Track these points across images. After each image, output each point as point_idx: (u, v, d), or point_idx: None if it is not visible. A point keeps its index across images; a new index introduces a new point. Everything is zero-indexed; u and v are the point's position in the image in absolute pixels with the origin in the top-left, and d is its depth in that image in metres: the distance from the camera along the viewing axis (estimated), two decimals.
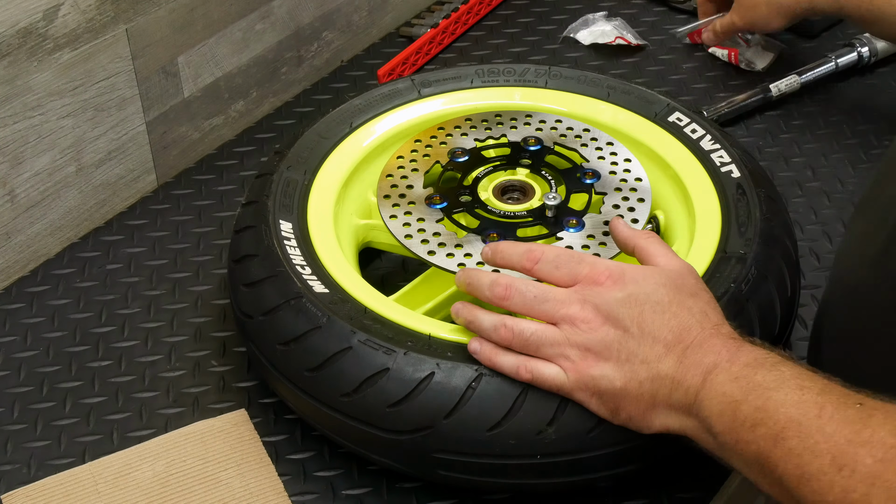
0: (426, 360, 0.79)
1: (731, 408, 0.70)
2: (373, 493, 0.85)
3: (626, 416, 0.76)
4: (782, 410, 0.67)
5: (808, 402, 0.67)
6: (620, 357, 0.75)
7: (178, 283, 1.02)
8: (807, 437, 0.66)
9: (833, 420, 0.65)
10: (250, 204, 0.94)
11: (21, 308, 1.00)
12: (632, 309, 0.76)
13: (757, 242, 0.88)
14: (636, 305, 0.76)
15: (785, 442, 0.67)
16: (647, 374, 0.74)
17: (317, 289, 0.85)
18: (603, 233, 0.90)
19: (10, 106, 0.94)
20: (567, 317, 0.76)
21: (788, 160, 1.15)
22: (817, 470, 0.64)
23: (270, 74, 1.20)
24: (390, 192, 0.94)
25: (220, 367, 0.94)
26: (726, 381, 0.71)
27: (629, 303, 0.76)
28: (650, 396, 0.75)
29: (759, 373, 0.70)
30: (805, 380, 0.69)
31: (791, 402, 0.67)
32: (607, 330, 0.76)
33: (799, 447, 0.66)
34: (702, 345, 0.74)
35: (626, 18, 1.35)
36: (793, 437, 0.66)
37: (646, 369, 0.74)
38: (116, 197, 1.09)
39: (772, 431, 0.67)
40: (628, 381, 0.75)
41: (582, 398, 0.77)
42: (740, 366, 0.72)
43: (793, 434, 0.66)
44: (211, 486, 0.84)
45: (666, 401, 0.74)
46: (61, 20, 0.95)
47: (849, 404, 0.66)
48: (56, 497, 0.84)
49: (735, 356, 0.73)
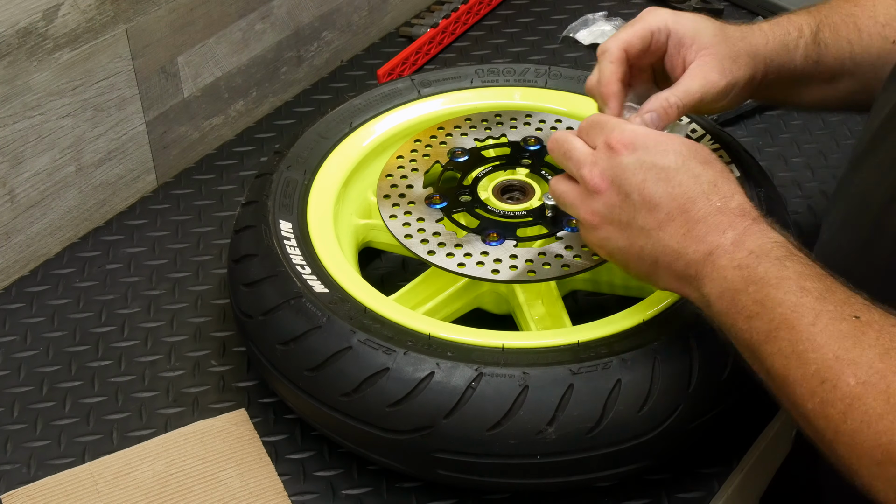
0: (426, 360, 0.79)
1: (729, 294, 0.71)
2: (372, 492, 0.85)
3: (635, 273, 0.79)
4: (779, 310, 0.68)
5: (805, 307, 0.67)
6: (621, 223, 0.78)
7: (177, 282, 1.02)
8: (797, 342, 0.66)
9: (825, 331, 0.66)
10: (250, 204, 0.94)
11: (21, 308, 1.00)
12: (636, 175, 0.77)
13: None
14: (640, 172, 0.77)
15: (776, 342, 0.67)
16: (647, 241, 0.76)
17: (316, 288, 0.85)
18: None
19: (10, 106, 0.94)
20: (580, 177, 0.80)
21: (788, 160, 1.15)
22: (801, 376, 0.65)
23: (270, 74, 1.20)
24: (390, 192, 0.94)
25: (219, 367, 0.94)
26: (728, 267, 0.72)
27: (634, 169, 0.77)
28: (652, 261, 0.77)
29: (762, 264, 0.71)
30: (807, 280, 0.69)
31: (789, 303, 0.68)
32: (610, 195, 0.78)
33: (788, 349, 0.67)
34: (706, 219, 0.75)
35: (625, 18, 1.35)
36: (784, 338, 0.67)
37: (644, 236, 0.77)
38: (116, 197, 1.09)
39: (766, 327, 0.68)
40: (630, 246, 0.78)
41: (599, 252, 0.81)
42: (745, 252, 0.72)
43: (784, 336, 0.67)
44: (211, 486, 0.84)
45: (667, 268, 0.76)
46: (61, 20, 0.95)
47: (845, 316, 0.66)
48: (56, 497, 0.84)
49: (740, 239, 0.73)
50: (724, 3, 1.36)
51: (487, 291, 0.93)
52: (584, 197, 0.80)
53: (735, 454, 0.87)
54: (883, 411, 0.61)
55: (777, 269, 0.70)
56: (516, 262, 0.86)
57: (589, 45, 1.31)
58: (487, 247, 0.88)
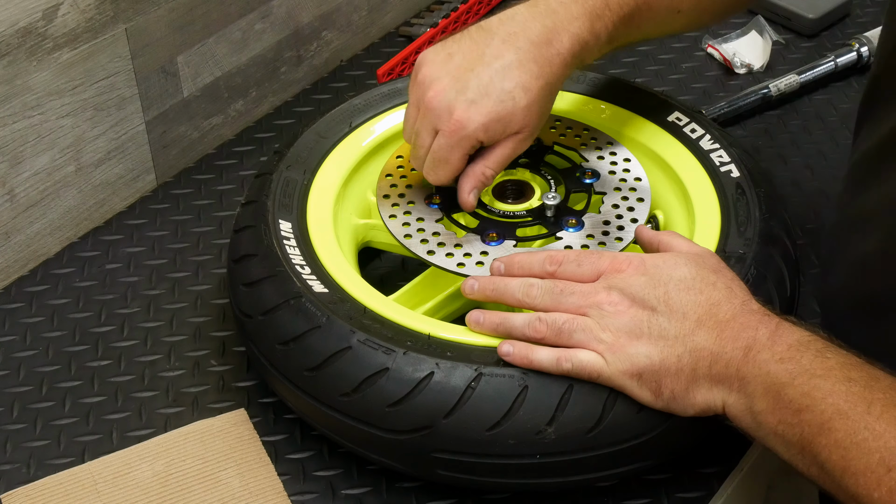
0: (426, 360, 0.79)
1: (775, 389, 0.70)
2: (372, 492, 0.85)
3: (669, 393, 0.76)
4: (829, 400, 0.68)
5: (856, 396, 0.67)
6: (653, 335, 0.76)
7: (177, 282, 1.02)
8: (854, 432, 0.66)
9: (882, 419, 0.66)
10: (250, 203, 0.94)
11: (20, 308, 1.00)
12: (656, 289, 0.77)
13: (756, 242, 0.88)
14: (660, 286, 0.77)
15: (831, 433, 0.67)
16: (684, 347, 0.75)
17: (316, 288, 0.85)
18: (602, 232, 0.90)
19: (10, 105, 0.94)
20: (595, 303, 0.78)
21: (788, 160, 1.15)
22: (864, 466, 0.65)
23: (270, 74, 1.20)
24: (390, 192, 0.94)
25: (219, 367, 0.94)
26: (771, 361, 0.71)
27: (653, 284, 0.77)
28: (691, 370, 0.75)
29: (805, 357, 0.71)
30: (851, 370, 0.69)
31: (839, 392, 0.68)
32: (635, 311, 0.77)
33: (846, 441, 0.66)
34: (735, 319, 0.75)
35: None
36: (839, 429, 0.67)
37: (681, 343, 0.75)
38: (116, 196, 1.09)
39: (818, 419, 0.68)
40: (666, 357, 0.75)
41: (623, 383, 0.76)
42: (784, 346, 0.72)
43: (840, 426, 0.67)
44: (210, 486, 0.84)
45: (707, 373, 0.74)
46: (61, 20, 0.95)
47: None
48: (55, 497, 0.84)
49: (776, 335, 0.73)
50: None
51: None
52: (600, 319, 0.77)
53: (735, 454, 0.87)
54: None
55: (820, 360, 0.70)
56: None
57: None
58: (487, 247, 0.88)
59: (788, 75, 1.22)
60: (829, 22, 1.32)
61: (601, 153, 0.98)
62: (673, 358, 0.75)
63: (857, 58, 1.25)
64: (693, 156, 0.97)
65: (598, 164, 0.96)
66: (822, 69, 1.24)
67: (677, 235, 0.85)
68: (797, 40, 1.31)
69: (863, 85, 1.24)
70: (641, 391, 0.76)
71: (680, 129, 1.00)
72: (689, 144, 0.99)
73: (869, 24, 1.32)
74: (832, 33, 1.32)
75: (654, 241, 0.85)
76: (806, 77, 1.23)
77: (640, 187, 0.94)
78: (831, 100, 1.23)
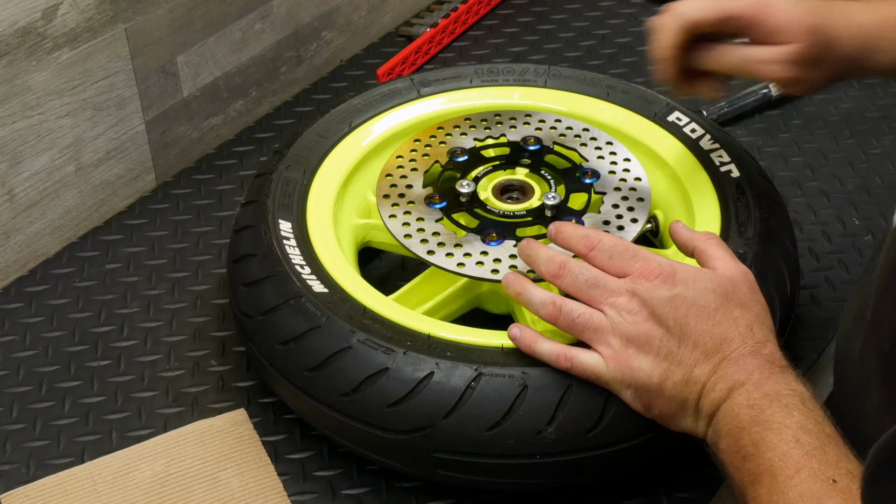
0: (425, 360, 0.79)
1: (735, 432, 0.72)
2: (372, 492, 0.85)
3: (657, 412, 0.77)
4: (768, 455, 0.69)
5: (792, 458, 0.68)
6: (660, 354, 0.76)
7: (177, 282, 1.02)
8: (773, 492, 0.67)
9: (799, 488, 0.66)
10: (249, 203, 0.94)
11: (20, 307, 1.00)
12: (677, 310, 0.76)
13: (756, 242, 0.88)
14: (682, 307, 0.76)
15: (759, 486, 0.68)
16: (682, 376, 0.75)
17: (316, 288, 0.85)
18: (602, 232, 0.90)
19: (9, 105, 0.94)
20: (614, 305, 0.77)
21: (788, 160, 1.15)
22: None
23: (270, 74, 1.20)
24: (389, 192, 0.94)
25: (219, 367, 0.94)
26: (742, 405, 0.72)
27: (675, 303, 0.76)
28: (681, 399, 0.76)
29: (771, 407, 0.71)
30: (805, 433, 0.69)
31: (780, 451, 0.69)
32: (651, 326, 0.76)
33: (765, 499, 0.68)
34: (738, 360, 0.75)
35: (626, 18, 1.35)
36: (766, 485, 0.68)
37: (682, 371, 0.75)
38: (115, 196, 1.09)
39: (755, 470, 0.69)
40: (664, 380, 0.75)
41: (618, 389, 0.77)
42: (761, 394, 0.72)
43: (766, 483, 0.68)
44: (210, 486, 0.84)
45: (694, 405, 0.75)
46: (60, 20, 0.95)
47: (823, 477, 0.66)
48: (55, 497, 0.84)
49: (762, 382, 0.73)
50: None
51: (487, 291, 0.93)
52: (615, 323, 0.77)
53: None
54: None
55: (782, 415, 0.70)
56: (516, 262, 0.86)
57: (587, 45, 1.31)
58: (487, 247, 0.88)
59: None
60: None
61: (601, 153, 0.98)
62: (670, 383, 0.75)
63: None
64: (693, 156, 0.97)
65: (598, 163, 0.96)
66: None
67: (716, 243, 0.82)
68: None
69: (863, 85, 1.24)
70: (633, 401, 0.77)
71: (680, 129, 1.00)
72: (688, 144, 0.99)
73: None
74: None
75: (689, 244, 0.83)
76: None
77: (639, 187, 0.94)
78: (831, 100, 1.23)
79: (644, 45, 1.30)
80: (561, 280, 0.79)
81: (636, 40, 1.32)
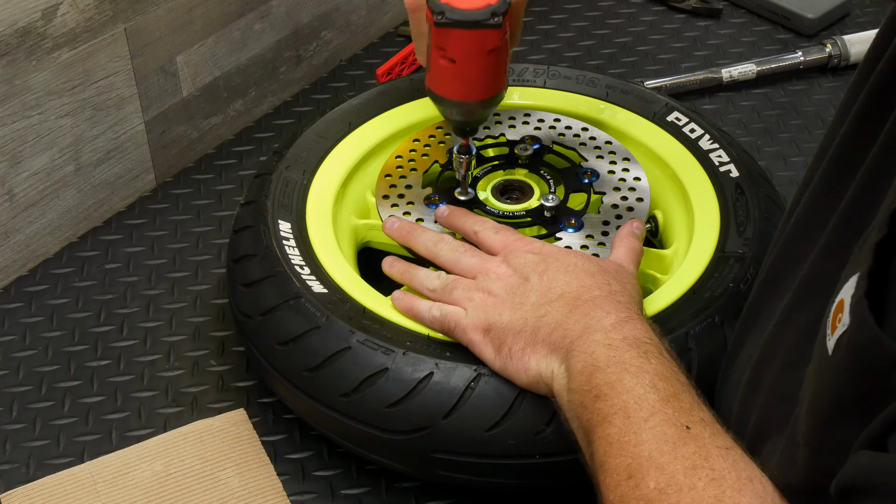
0: (425, 360, 0.79)
1: (589, 370, 0.72)
2: (371, 492, 0.85)
3: (507, 352, 0.78)
4: (623, 397, 0.69)
5: (647, 403, 0.68)
6: (515, 301, 0.79)
7: (176, 282, 1.02)
8: (626, 432, 0.67)
9: (653, 430, 0.66)
10: (249, 204, 0.94)
11: (20, 307, 1.00)
12: (539, 265, 0.81)
13: (756, 242, 0.88)
14: (543, 263, 0.81)
15: (609, 426, 0.68)
16: (534, 314, 0.77)
17: (315, 289, 0.85)
18: (602, 233, 0.90)
19: (9, 105, 0.94)
20: (484, 269, 0.83)
21: (787, 160, 1.15)
22: (613, 468, 0.66)
23: (269, 74, 1.20)
24: (389, 192, 0.94)
25: (218, 367, 0.94)
26: (598, 343, 0.73)
27: (538, 261, 0.81)
28: (532, 332, 0.77)
29: (629, 351, 0.72)
30: (661, 380, 0.70)
31: (635, 393, 0.69)
32: (513, 280, 0.81)
33: (614, 438, 0.67)
34: (595, 300, 0.77)
35: (625, 18, 1.35)
36: (616, 425, 0.67)
37: (534, 311, 0.78)
38: (115, 196, 1.09)
39: (606, 411, 0.69)
40: (515, 319, 0.78)
41: (472, 337, 0.79)
42: (620, 336, 0.73)
43: (618, 423, 0.67)
44: (209, 486, 0.84)
45: (545, 339, 0.76)
46: (60, 19, 0.95)
47: (677, 422, 0.67)
48: (55, 496, 0.84)
49: (620, 324, 0.74)
50: (723, 2, 1.36)
51: None
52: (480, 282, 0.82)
53: None
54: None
55: (640, 360, 0.71)
56: None
57: (587, 44, 1.31)
58: None
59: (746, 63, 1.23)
60: (829, 22, 1.32)
61: (600, 153, 0.98)
62: (521, 320, 0.78)
63: (828, 58, 1.25)
64: (692, 156, 0.97)
65: (598, 163, 0.97)
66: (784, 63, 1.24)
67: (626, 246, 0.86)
68: (797, 40, 1.31)
69: None
70: (485, 347, 0.79)
71: (679, 129, 1.00)
72: (688, 144, 0.99)
73: (868, 25, 1.32)
74: (831, 33, 1.32)
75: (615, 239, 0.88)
76: (763, 68, 1.23)
77: (639, 187, 0.94)
78: (831, 99, 1.23)
79: (644, 45, 1.30)
80: (440, 254, 0.86)
81: (636, 40, 1.32)
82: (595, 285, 0.78)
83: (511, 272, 0.81)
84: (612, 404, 0.69)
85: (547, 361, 0.76)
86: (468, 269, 0.84)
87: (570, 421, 0.73)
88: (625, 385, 0.69)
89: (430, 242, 0.87)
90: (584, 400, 0.71)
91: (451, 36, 0.81)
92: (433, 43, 0.83)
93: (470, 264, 0.84)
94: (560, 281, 0.79)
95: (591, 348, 0.73)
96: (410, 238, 0.89)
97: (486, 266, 0.83)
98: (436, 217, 0.91)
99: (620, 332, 0.73)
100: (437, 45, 0.83)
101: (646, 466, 0.65)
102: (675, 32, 1.33)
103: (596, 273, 0.79)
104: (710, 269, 0.87)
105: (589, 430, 0.70)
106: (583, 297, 0.77)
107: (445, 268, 0.86)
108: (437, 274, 0.85)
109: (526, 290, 0.79)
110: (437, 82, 0.85)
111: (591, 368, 0.71)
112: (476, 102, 0.86)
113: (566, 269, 0.80)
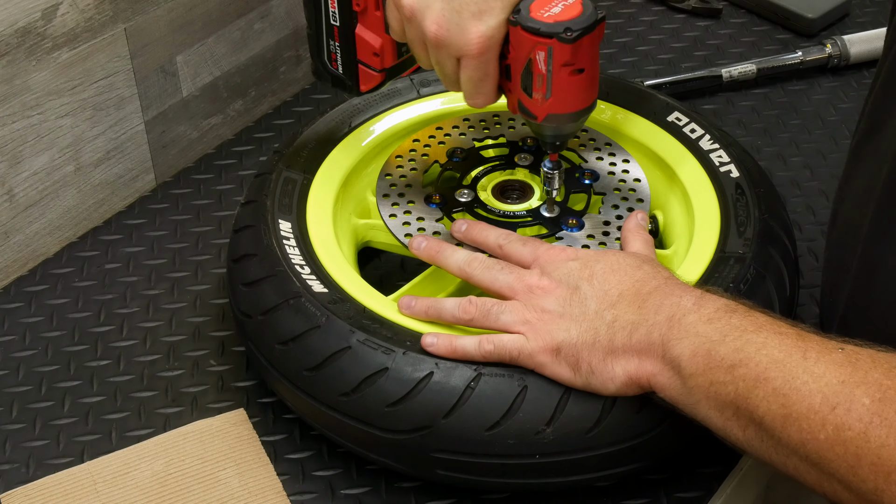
0: (425, 360, 0.79)
1: (705, 348, 0.70)
2: (371, 492, 0.85)
3: (587, 367, 0.75)
4: (764, 352, 0.67)
5: (790, 346, 0.67)
6: (574, 313, 0.77)
7: (176, 282, 1.02)
8: (793, 377, 0.65)
9: (820, 362, 0.65)
10: (249, 203, 0.94)
11: (20, 307, 1.00)
12: (583, 271, 0.78)
13: (756, 242, 0.88)
14: (587, 268, 0.78)
15: (768, 383, 0.66)
16: (602, 321, 0.76)
17: (316, 288, 0.85)
18: (603, 233, 0.90)
19: (9, 105, 0.94)
20: (525, 285, 0.80)
21: (787, 160, 1.15)
22: (807, 409, 0.64)
23: (269, 74, 1.20)
24: (389, 192, 0.94)
25: (218, 367, 0.94)
26: (699, 323, 0.71)
27: (581, 267, 0.79)
28: (608, 341, 0.75)
29: (734, 317, 0.70)
30: (782, 326, 0.69)
31: (772, 344, 0.67)
32: (560, 292, 0.78)
33: (785, 387, 0.65)
34: (658, 290, 0.75)
35: (625, 18, 1.35)
36: (777, 377, 0.66)
37: (600, 318, 0.76)
38: (115, 196, 1.09)
39: (753, 372, 0.67)
40: (584, 331, 0.76)
41: (543, 360, 0.77)
42: (712, 309, 0.72)
43: (777, 375, 0.66)
44: (209, 486, 0.84)
45: (625, 344, 0.74)
46: (60, 19, 0.95)
47: (831, 349, 0.66)
48: (55, 496, 0.84)
49: (702, 301, 0.73)
50: (723, 2, 1.36)
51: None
52: (527, 301, 0.79)
53: (734, 454, 0.87)
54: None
55: (750, 318, 0.70)
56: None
57: None
58: None
59: (746, 63, 1.23)
60: (829, 22, 1.32)
61: (600, 154, 0.98)
62: (591, 332, 0.75)
63: (828, 58, 1.25)
64: (692, 156, 0.97)
65: (598, 164, 0.96)
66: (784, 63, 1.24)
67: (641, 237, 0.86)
68: (797, 40, 1.31)
69: (862, 85, 1.24)
70: (560, 367, 0.76)
71: (679, 129, 1.00)
72: (688, 144, 0.98)
73: (868, 25, 1.32)
74: (831, 33, 1.32)
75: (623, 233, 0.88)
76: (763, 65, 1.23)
77: (639, 188, 0.94)
78: (831, 99, 1.23)
79: (644, 45, 1.30)
80: (475, 273, 0.83)
81: (636, 40, 1.32)
82: (647, 276, 0.77)
83: (556, 284, 0.78)
84: (757, 363, 0.67)
85: (637, 363, 0.74)
86: (506, 286, 0.80)
87: (699, 406, 0.71)
88: (755, 343, 0.68)
89: (462, 262, 0.83)
90: (716, 376, 0.69)
91: (583, 45, 0.81)
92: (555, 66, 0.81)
93: (507, 281, 0.80)
94: (612, 282, 0.77)
95: (694, 329, 0.71)
96: (440, 258, 0.85)
97: (526, 282, 0.80)
98: (452, 233, 0.88)
99: (708, 306, 0.72)
100: (562, 63, 0.82)
101: (846, 390, 0.63)
102: (675, 32, 1.33)
103: (640, 265, 0.78)
104: (710, 270, 0.86)
105: (740, 400, 0.67)
106: (643, 291, 0.75)
107: (481, 286, 0.82)
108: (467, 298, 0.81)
109: (581, 300, 0.77)
110: (561, 102, 0.84)
111: (706, 347, 0.69)
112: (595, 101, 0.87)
113: (612, 269, 0.78)
